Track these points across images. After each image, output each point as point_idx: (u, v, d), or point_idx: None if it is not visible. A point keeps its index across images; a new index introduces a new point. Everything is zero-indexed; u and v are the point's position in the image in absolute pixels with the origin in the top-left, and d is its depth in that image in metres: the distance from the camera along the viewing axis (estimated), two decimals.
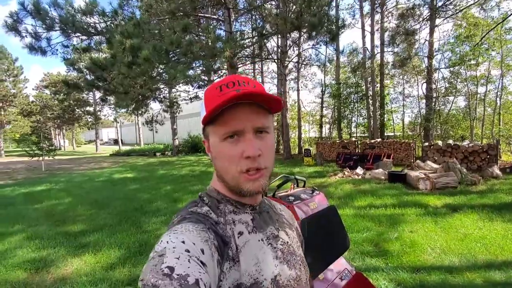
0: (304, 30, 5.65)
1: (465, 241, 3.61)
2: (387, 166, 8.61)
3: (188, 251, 0.46)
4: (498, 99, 12.01)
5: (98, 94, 27.29)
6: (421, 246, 3.48)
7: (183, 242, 0.47)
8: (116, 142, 44.42)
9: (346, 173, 8.65)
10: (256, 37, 6.60)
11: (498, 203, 5.23)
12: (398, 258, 3.19)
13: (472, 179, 7.13)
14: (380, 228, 4.17)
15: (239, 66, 9.37)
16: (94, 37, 6.49)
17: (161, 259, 0.44)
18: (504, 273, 2.75)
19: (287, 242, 0.65)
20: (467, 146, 9.57)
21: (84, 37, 6.58)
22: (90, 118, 28.38)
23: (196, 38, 5.44)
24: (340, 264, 2.14)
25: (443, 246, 3.47)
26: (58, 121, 28.87)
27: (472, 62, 12.34)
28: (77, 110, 27.68)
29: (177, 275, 0.42)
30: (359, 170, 8.75)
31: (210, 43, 5.29)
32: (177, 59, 5.97)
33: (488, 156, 9.24)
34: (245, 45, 6.36)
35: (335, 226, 2.05)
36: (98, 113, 27.55)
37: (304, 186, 2.32)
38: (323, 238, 1.88)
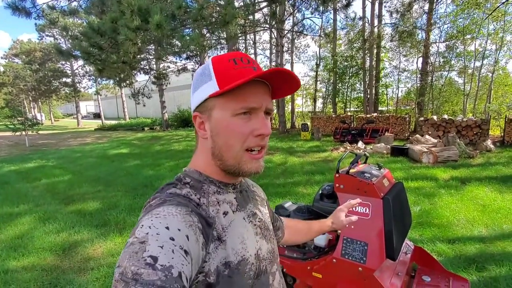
0: None
1: (485, 212, 3.76)
2: (389, 140, 8.76)
3: (172, 239, 0.43)
4: (490, 74, 12.27)
5: (75, 65, 25.45)
6: (446, 218, 3.59)
7: (167, 228, 0.44)
8: (96, 116, 42.51)
9: (348, 147, 8.73)
10: (264, 2, 6.15)
11: (501, 176, 5.47)
12: (430, 231, 3.27)
13: (470, 152, 7.41)
14: None
15: (239, 35, 8.86)
16: None
17: (143, 247, 0.41)
18: None
19: (262, 218, 0.68)
20: (461, 120, 9.85)
21: None
22: (68, 90, 26.61)
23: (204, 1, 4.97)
24: None
25: (467, 218, 3.59)
26: (33, 93, 26.90)
27: (468, 36, 12.38)
28: (53, 81, 25.79)
29: (161, 265, 0.39)
30: (361, 145, 8.85)
31: (221, 8, 4.85)
32: (181, 26, 5.50)
33: (480, 131, 9.60)
34: (254, 11, 5.93)
35: (405, 202, 2.01)
36: (77, 85, 25.84)
37: (365, 162, 2.24)
38: (400, 215, 1.83)
